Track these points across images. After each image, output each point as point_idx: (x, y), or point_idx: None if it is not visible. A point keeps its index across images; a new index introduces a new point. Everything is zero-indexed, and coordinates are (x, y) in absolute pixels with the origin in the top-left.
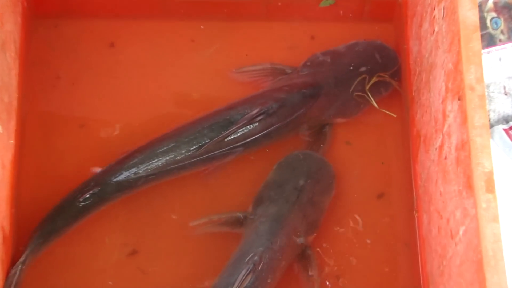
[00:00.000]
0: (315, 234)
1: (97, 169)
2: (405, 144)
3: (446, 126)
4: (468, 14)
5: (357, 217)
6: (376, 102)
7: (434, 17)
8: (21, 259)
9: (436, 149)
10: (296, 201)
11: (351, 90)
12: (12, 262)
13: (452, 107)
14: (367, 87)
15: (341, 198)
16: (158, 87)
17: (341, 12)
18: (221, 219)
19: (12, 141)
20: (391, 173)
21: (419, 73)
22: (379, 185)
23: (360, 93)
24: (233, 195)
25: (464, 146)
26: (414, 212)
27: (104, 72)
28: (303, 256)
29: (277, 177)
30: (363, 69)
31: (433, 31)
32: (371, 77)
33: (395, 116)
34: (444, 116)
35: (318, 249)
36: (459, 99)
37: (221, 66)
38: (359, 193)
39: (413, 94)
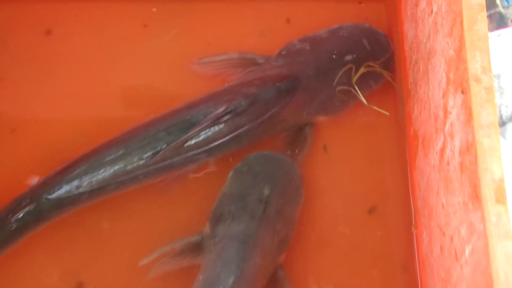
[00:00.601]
0: (286, 252)
1: (33, 180)
2: (400, 147)
3: (448, 125)
4: None
5: (345, 236)
6: (365, 97)
7: None
8: None
9: (436, 152)
10: (263, 215)
11: (334, 83)
12: None
13: (454, 102)
14: (354, 79)
15: (324, 214)
16: (104, 82)
17: None
18: (175, 249)
19: None
20: (384, 182)
21: (416, 62)
22: (370, 197)
23: (345, 87)
24: (194, 212)
25: (469, 148)
26: (412, 228)
27: (39, 65)
28: (275, 280)
29: (236, 187)
30: (348, 58)
31: (431, 11)
32: (359, 67)
33: (387, 113)
34: (446, 113)
35: (297, 273)
36: (462, 93)
37: (179, 56)
38: (346, 207)
39: (409, 87)
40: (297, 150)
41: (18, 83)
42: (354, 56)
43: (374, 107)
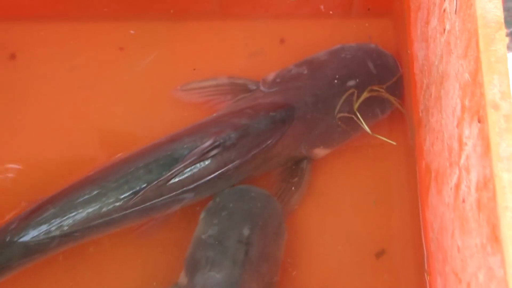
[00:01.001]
0: None
1: None
2: (410, 183)
3: (463, 157)
4: (489, 7)
5: (350, 284)
6: (371, 128)
7: (444, 10)
8: None
9: (451, 188)
10: (246, 259)
11: (335, 111)
12: None
13: (470, 131)
14: (356, 105)
15: (326, 259)
16: (76, 114)
17: (322, 6)
18: None
19: None
20: (393, 223)
21: (427, 87)
22: (378, 240)
23: (347, 115)
24: (178, 260)
25: (487, 184)
26: (425, 274)
27: (1, 94)
28: None
29: (211, 230)
30: (351, 83)
31: (444, 30)
32: (362, 92)
33: (395, 143)
34: (461, 144)
35: None
36: (479, 121)
37: (160, 82)
38: (350, 251)
39: (420, 115)
40: (293, 188)
41: None
42: (358, 80)
43: (380, 137)
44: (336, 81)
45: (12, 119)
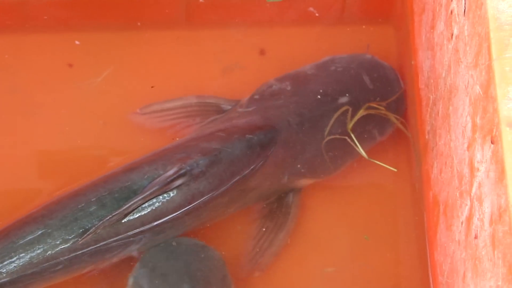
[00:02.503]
0: None
1: None
2: (416, 218)
3: (475, 185)
4: (502, 6)
5: None
6: (368, 151)
7: (451, 12)
8: None
9: (462, 223)
10: None
11: (325, 133)
12: None
13: (482, 155)
14: (350, 124)
15: None
16: (17, 141)
17: (311, 8)
18: None
19: None
20: (397, 266)
21: (434, 103)
22: (379, 286)
23: (339, 137)
24: None
25: (502, 216)
26: None
27: None
28: None
29: None
30: (343, 100)
31: (451, 35)
32: (358, 110)
33: (395, 170)
34: (472, 170)
35: None
36: (492, 142)
37: (115, 104)
38: None
39: (427, 137)
40: (277, 227)
41: None
42: (351, 97)
43: (379, 163)
44: (325, 98)
45: None
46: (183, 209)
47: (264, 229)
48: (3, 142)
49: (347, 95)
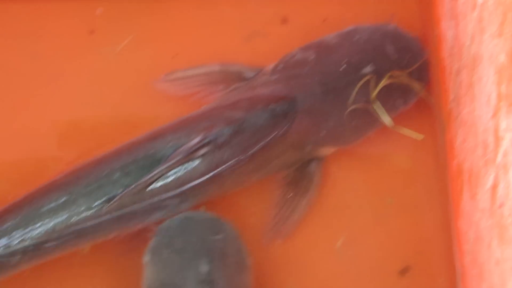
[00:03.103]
0: None
1: None
2: (440, 187)
3: (500, 154)
4: None
5: None
6: (394, 119)
7: None
8: None
9: (487, 192)
10: None
11: (348, 103)
12: None
13: (507, 124)
14: (373, 93)
15: (341, 277)
16: (39, 109)
17: None
18: None
19: None
20: (420, 235)
21: (458, 72)
22: (402, 255)
23: (363, 106)
24: None
25: None
26: None
27: None
28: None
29: (162, 274)
30: (367, 70)
31: (475, 4)
32: (381, 79)
33: (421, 137)
34: (497, 138)
35: None
36: None
37: (138, 71)
38: (370, 268)
39: (450, 106)
40: (299, 194)
41: None
42: (375, 67)
43: (403, 130)
44: (348, 68)
45: None
46: (207, 177)
47: (286, 197)
48: (24, 109)
49: (370, 65)
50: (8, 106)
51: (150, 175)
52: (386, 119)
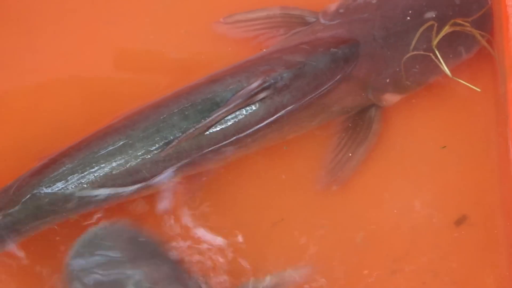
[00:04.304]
0: None
1: None
2: (500, 136)
3: None
4: None
5: (425, 258)
6: (453, 70)
7: None
8: None
9: None
10: None
11: (410, 48)
12: None
13: None
14: (435, 41)
15: (398, 226)
16: (98, 49)
17: None
18: None
19: None
20: (478, 184)
21: None
22: (459, 204)
23: (424, 53)
24: (224, 222)
25: None
26: None
27: (16, 24)
28: None
29: None
30: (429, 15)
31: None
32: (443, 26)
33: (479, 90)
34: None
35: None
36: None
37: (197, 13)
38: (426, 217)
39: None
40: (358, 141)
41: None
42: (437, 13)
43: (461, 81)
44: (410, 13)
45: (26, 50)
46: (266, 122)
47: (344, 143)
48: (86, 49)
49: (433, 10)
50: (70, 44)
51: (209, 119)
52: (445, 68)
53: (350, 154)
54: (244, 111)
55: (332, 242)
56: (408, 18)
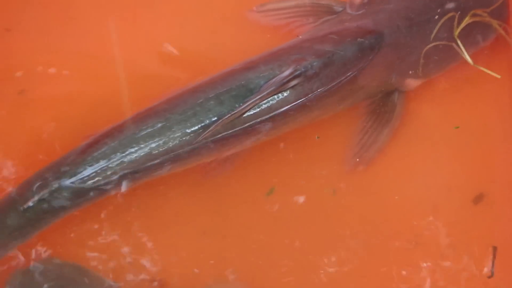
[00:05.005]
0: None
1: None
2: None
3: None
4: None
5: (443, 234)
6: (472, 56)
7: None
8: None
9: None
10: None
11: (431, 37)
12: None
13: None
14: (456, 31)
15: (416, 205)
16: (137, 35)
17: None
18: None
19: None
20: (494, 163)
21: None
22: (476, 183)
23: (445, 42)
24: (246, 202)
25: None
26: None
27: (55, 12)
28: None
29: None
30: (450, 5)
31: None
32: (463, 17)
33: (499, 77)
34: None
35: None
36: None
37: (232, 1)
38: (444, 195)
39: None
40: (383, 122)
41: (28, 34)
42: (458, 3)
43: (482, 69)
44: (432, 3)
45: (66, 38)
46: (296, 106)
47: (369, 126)
48: (127, 33)
49: (453, 1)
50: (109, 32)
51: (243, 105)
52: (466, 56)
53: (375, 136)
54: (276, 97)
55: (355, 218)
56: (430, 8)
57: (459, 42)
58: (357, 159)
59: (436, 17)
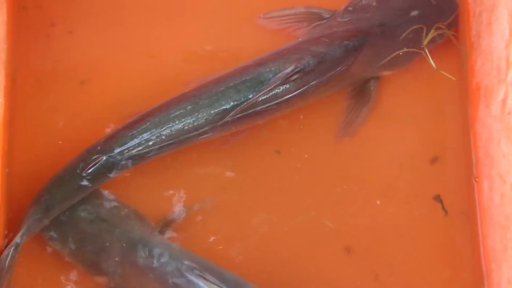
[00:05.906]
0: None
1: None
2: (462, 99)
3: (510, 75)
4: None
5: (409, 184)
6: (431, 51)
7: None
8: (15, 240)
9: (498, 102)
10: None
11: (401, 38)
12: (5, 242)
13: None
14: (425, 41)
15: (388, 163)
16: (169, 36)
17: None
18: None
19: (1, 100)
20: (446, 134)
21: (479, 14)
22: (433, 148)
23: (413, 49)
24: (256, 163)
25: None
26: (473, 178)
27: (108, 17)
28: None
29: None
30: (414, 13)
31: None
32: (425, 24)
33: (454, 79)
34: (508, 63)
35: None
36: None
37: (245, 10)
38: (409, 157)
39: (472, 39)
40: (362, 104)
41: (87, 35)
42: (419, 12)
43: (442, 72)
44: (400, 12)
45: (117, 38)
46: (296, 94)
47: (352, 106)
48: (159, 35)
49: (416, 10)
50: (148, 33)
51: (257, 95)
52: (431, 62)
53: (357, 114)
54: (281, 88)
55: (343, 175)
56: (398, 16)
57: (426, 51)
58: (344, 132)
59: (405, 22)
